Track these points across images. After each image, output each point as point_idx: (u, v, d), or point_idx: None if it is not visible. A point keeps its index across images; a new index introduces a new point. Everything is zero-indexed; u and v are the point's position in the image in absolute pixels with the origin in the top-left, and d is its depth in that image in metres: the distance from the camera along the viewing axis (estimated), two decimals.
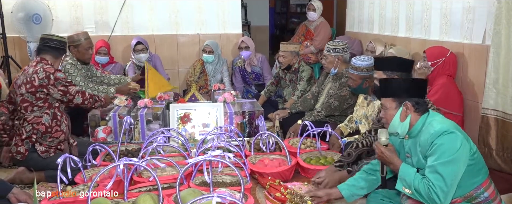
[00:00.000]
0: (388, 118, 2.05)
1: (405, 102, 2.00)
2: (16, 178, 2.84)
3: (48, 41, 2.92)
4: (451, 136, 1.88)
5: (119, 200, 2.29)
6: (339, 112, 3.63)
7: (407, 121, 2.01)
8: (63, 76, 2.85)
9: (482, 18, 3.06)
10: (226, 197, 1.83)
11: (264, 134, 3.07)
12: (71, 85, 2.90)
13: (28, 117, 2.82)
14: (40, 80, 2.78)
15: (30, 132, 2.82)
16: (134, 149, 3.23)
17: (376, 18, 4.82)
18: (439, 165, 1.86)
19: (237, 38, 5.25)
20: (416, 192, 1.91)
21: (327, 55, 3.69)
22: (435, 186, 1.84)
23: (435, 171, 1.86)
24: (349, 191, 2.26)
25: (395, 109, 2.02)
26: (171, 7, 5.15)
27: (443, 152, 1.86)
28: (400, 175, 1.98)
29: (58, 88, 2.82)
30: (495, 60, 2.76)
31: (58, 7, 4.84)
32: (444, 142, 1.87)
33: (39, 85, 2.78)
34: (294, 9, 9.90)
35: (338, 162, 2.66)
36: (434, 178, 1.86)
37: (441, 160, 1.86)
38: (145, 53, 4.61)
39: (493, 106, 2.80)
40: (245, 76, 5.04)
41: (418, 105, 2.00)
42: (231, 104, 3.85)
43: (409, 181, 1.93)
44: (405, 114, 2.01)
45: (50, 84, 2.79)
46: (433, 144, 1.90)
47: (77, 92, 2.92)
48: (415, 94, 2.02)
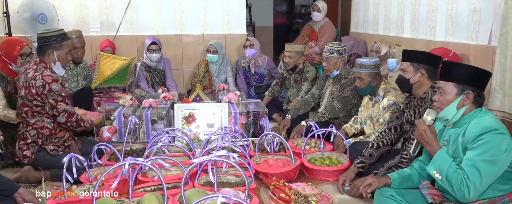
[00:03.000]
0: (443, 103, 2.00)
1: (468, 90, 1.95)
2: (22, 176, 2.86)
3: (47, 39, 2.86)
4: (501, 137, 1.85)
5: (124, 200, 2.30)
6: (344, 113, 3.62)
7: (462, 110, 1.96)
8: (58, 89, 2.76)
9: (488, 19, 3.05)
10: (230, 197, 1.83)
11: (269, 134, 3.07)
12: (61, 102, 2.78)
13: (30, 121, 2.82)
14: (37, 88, 2.74)
15: (35, 136, 2.83)
16: (139, 148, 3.24)
17: (381, 18, 4.81)
18: (480, 161, 1.82)
19: (241, 39, 5.26)
20: (446, 180, 1.88)
21: (330, 58, 3.64)
22: (469, 180, 1.82)
23: (473, 165, 1.83)
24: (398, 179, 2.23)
25: (455, 95, 1.97)
26: (176, 7, 5.16)
27: (488, 149, 1.82)
28: (435, 159, 1.96)
29: (49, 100, 2.76)
30: (501, 62, 2.74)
31: (64, 7, 4.86)
32: (492, 140, 1.83)
33: (35, 93, 2.75)
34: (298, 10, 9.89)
35: (359, 163, 2.66)
36: (471, 172, 1.83)
37: (484, 157, 1.82)
38: (158, 53, 4.65)
39: (499, 107, 2.79)
40: (247, 78, 5.04)
41: (479, 96, 1.96)
42: (236, 104, 3.85)
43: (443, 168, 1.90)
44: (463, 103, 1.96)
45: (44, 94, 2.74)
46: (480, 138, 1.85)
47: (64, 111, 2.79)
48: (478, 85, 1.97)
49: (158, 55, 4.65)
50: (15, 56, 3.26)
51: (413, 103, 2.62)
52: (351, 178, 2.67)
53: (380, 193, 2.23)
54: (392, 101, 3.00)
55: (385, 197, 2.18)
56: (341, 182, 2.65)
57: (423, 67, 2.49)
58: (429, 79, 2.51)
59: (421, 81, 2.52)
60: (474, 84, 1.96)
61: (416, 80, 2.52)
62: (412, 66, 2.52)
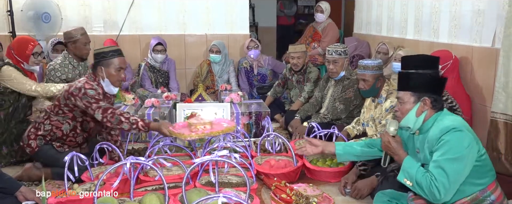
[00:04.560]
0: (403, 112, 2.04)
1: (424, 97, 1.99)
2: (24, 175, 2.86)
3: (96, 56, 2.80)
4: (460, 134, 1.87)
5: (125, 199, 2.30)
6: (346, 114, 3.62)
7: (422, 116, 2.01)
8: (93, 94, 2.70)
9: (492, 21, 3.03)
10: (231, 198, 1.83)
11: (271, 134, 3.07)
12: (95, 103, 2.70)
13: (52, 118, 2.84)
14: (74, 89, 2.72)
15: (48, 131, 2.84)
16: (140, 148, 3.25)
17: (385, 20, 4.80)
18: (444, 161, 1.85)
19: (244, 39, 5.26)
20: (417, 185, 1.91)
21: (338, 59, 3.59)
22: (437, 181, 1.84)
23: (439, 166, 1.86)
24: (343, 150, 2.46)
25: (413, 103, 2.01)
26: (179, 7, 5.16)
27: (450, 148, 1.86)
28: (404, 167, 1.99)
29: (83, 102, 2.71)
30: (505, 64, 2.73)
31: (67, 6, 4.87)
32: (452, 138, 1.87)
33: (70, 92, 2.73)
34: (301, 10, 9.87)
35: (362, 165, 2.66)
36: (437, 172, 1.86)
37: (447, 156, 1.86)
38: (163, 54, 4.67)
39: (502, 109, 2.77)
40: (249, 78, 5.04)
41: (436, 102, 2.00)
42: (238, 104, 3.85)
43: (412, 173, 1.93)
44: (422, 109, 2.01)
45: (78, 96, 2.70)
46: (440, 139, 1.90)
47: (98, 108, 2.70)
48: (434, 90, 2.01)
49: (163, 56, 4.66)
50: (28, 55, 3.27)
51: None
52: (353, 180, 2.67)
53: (379, 197, 2.26)
54: (394, 103, 2.99)
55: (383, 201, 2.21)
56: (342, 184, 2.65)
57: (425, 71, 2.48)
58: None
59: None
60: (430, 90, 2.01)
61: None
62: None
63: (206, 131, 2.53)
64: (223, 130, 2.54)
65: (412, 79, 2.03)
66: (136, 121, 2.68)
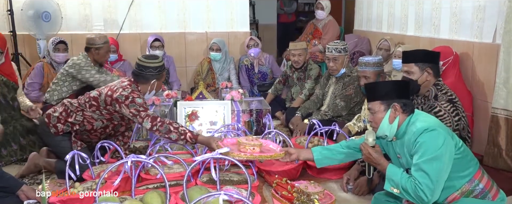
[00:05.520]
0: (377, 121, 2.06)
1: (394, 103, 2.01)
2: (30, 164, 2.92)
3: (143, 68, 2.80)
4: (432, 133, 1.89)
5: (126, 197, 2.30)
6: (347, 111, 3.62)
7: (396, 122, 2.02)
8: (141, 102, 2.71)
9: (493, 17, 3.02)
10: (233, 195, 1.83)
11: (272, 132, 3.07)
12: (143, 111, 2.70)
13: (86, 112, 2.80)
14: (119, 96, 2.69)
15: (78, 122, 2.81)
16: (141, 146, 3.25)
17: (385, 16, 4.79)
18: (423, 163, 1.86)
19: (245, 37, 5.25)
20: (403, 191, 1.91)
21: (338, 57, 3.59)
22: (421, 184, 1.85)
23: (419, 168, 1.87)
24: (321, 155, 2.38)
25: (384, 112, 2.03)
26: (179, 5, 5.16)
27: (426, 149, 1.87)
28: (388, 175, 1.99)
29: (130, 110, 2.69)
30: (505, 59, 2.72)
31: (67, 5, 4.87)
32: (426, 139, 1.88)
33: (115, 99, 2.70)
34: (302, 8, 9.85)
35: (363, 162, 2.66)
36: (419, 175, 1.86)
37: (425, 157, 1.87)
38: (161, 50, 4.66)
39: (503, 105, 2.77)
40: (250, 76, 5.04)
41: (405, 106, 2.02)
42: (239, 102, 3.85)
43: (397, 181, 1.94)
44: (394, 115, 2.02)
45: (125, 104, 2.69)
46: (416, 142, 1.92)
47: (147, 116, 2.69)
48: (401, 95, 2.03)
49: (161, 52, 4.66)
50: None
51: (416, 101, 2.61)
52: (355, 176, 2.66)
53: (377, 197, 2.26)
54: None
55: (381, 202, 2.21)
56: (345, 180, 2.65)
57: (429, 66, 2.50)
58: (434, 77, 2.53)
59: (429, 80, 2.52)
60: (397, 95, 2.02)
61: (424, 80, 2.52)
62: (417, 67, 2.52)
63: (255, 153, 2.45)
64: (272, 156, 2.44)
65: (378, 89, 2.06)
66: (184, 131, 2.68)
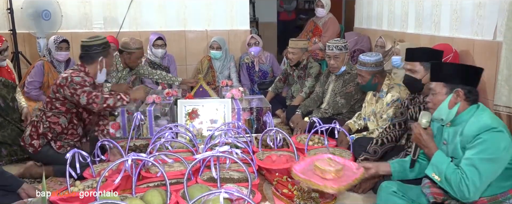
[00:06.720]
0: (435, 103, 1.99)
1: (457, 89, 1.94)
2: (26, 172, 2.88)
3: (88, 48, 2.87)
4: (498, 135, 1.83)
5: (127, 195, 2.30)
6: (347, 109, 3.61)
7: (455, 108, 1.95)
8: (79, 81, 2.77)
9: (493, 14, 3.01)
10: (233, 193, 1.83)
11: (272, 130, 3.06)
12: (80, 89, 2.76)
13: (48, 114, 2.87)
14: (61, 80, 2.80)
15: (47, 129, 2.86)
16: (142, 144, 3.25)
17: (385, 14, 4.78)
18: (478, 160, 1.81)
19: (245, 35, 5.25)
20: (445, 180, 1.87)
21: (338, 54, 3.58)
22: (468, 179, 1.80)
23: (472, 164, 1.82)
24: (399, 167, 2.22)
25: (445, 95, 1.96)
26: (179, 3, 5.15)
27: (486, 148, 1.81)
28: (433, 161, 1.95)
29: (69, 90, 2.76)
30: (508, 57, 2.71)
31: (67, 4, 4.86)
32: (490, 138, 1.82)
33: (58, 84, 2.80)
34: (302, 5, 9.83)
35: (364, 159, 2.65)
36: (469, 170, 1.82)
37: (482, 155, 1.81)
38: (164, 49, 4.67)
39: (505, 102, 2.76)
40: (251, 74, 5.03)
41: (470, 93, 1.94)
42: (239, 100, 3.85)
43: (442, 169, 1.89)
44: (455, 101, 1.94)
45: (66, 85, 2.77)
46: (478, 137, 1.84)
47: (82, 92, 2.75)
48: (468, 82, 1.95)
49: (163, 50, 4.66)
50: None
51: (418, 99, 2.61)
52: None
53: (383, 189, 2.21)
54: (396, 97, 2.99)
55: (388, 193, 2.16)
56: None
57: None
58: None
59: None
60: (463, 81, 1.95)
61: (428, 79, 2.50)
62: (422, 66, 2.48)
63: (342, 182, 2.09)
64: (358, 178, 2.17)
65: (444, 70, 1.98)
66: (118, 94, 2.89)
